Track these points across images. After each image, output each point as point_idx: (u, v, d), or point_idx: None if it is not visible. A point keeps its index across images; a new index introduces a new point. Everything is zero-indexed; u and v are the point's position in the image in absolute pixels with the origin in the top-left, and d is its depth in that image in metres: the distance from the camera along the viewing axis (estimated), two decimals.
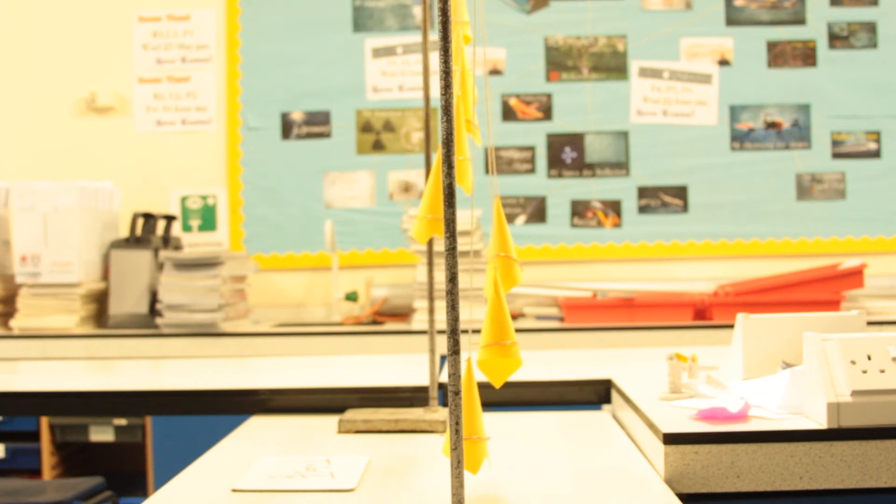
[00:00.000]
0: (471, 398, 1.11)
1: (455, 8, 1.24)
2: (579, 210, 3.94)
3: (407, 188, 3.96)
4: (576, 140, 3.94)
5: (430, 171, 1.62)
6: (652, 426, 1.36)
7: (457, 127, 1.20)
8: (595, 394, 1.85)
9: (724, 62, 3.93)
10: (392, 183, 3.97)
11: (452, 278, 1.04)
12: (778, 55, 3.93)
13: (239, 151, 3.99)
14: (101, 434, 3.50)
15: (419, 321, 3.42)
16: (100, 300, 3.56)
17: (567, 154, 3.94)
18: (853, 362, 1.29)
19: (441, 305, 2.53)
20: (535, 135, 3.95)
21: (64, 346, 3.28)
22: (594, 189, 3.94)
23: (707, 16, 3.94)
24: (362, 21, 3.99)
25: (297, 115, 3.98)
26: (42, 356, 3.24)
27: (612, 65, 3.96)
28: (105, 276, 3.56)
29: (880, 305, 3.49)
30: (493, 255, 1.15)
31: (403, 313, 3.73)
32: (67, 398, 1.89)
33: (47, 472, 3.47)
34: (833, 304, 3.27)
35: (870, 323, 2.25)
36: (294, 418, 1.76)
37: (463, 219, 3.27)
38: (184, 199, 4.01)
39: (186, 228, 4.01)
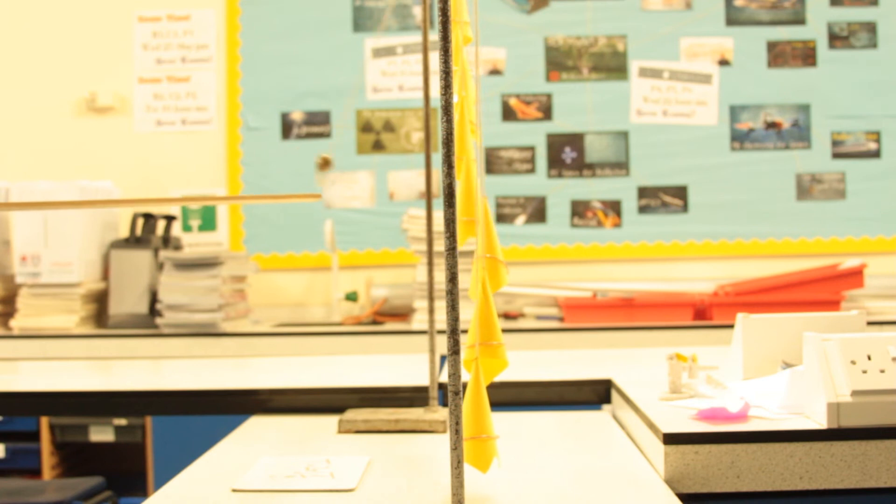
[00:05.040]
0: (478, 397, 1.11)
1: (455, 8, 1.24)
2: (579, 210, 3.94)
3: (408, 188, 3.96)
4: (576, 140, 3.94)
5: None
6: (652, 426, 1.36)
7: (460, 128, 1.20)
8: (595, 394, 1.85)
9: (724, 62, 3.93)
10: (392, 183, 3.97)
11: (452, 278, 1.04)
12: (778, 55, 3.93)
13: (239, 151, 3.99)
14: (101, 434, 3.50)
15: (419, 321, 3.42)
16: (100, 300, 3.56)
17: (567, 154, 3.94)
18: (853, 362, 1.29)
19: (441, 305, 2.53)
20: (535, 135, 3.95)
21: (64, 346, 3.28)
22: (594, 189, 3.94)
23: (707, 16, 3.94)
24: (362, 21, 3.99)
25: (296, 115, 3.98)
26: (42, 356, 3.24)
27: (612, 65, 3.96)
28: (105, 276, 3.56)
29: (880, 305, 3.49)
30: (480, 255, 1.14)
31: (403, 313, 3.73)
32: (67, 398, 1.89)
33: (47, 472, 3.47)
34: (833, 304, 3.27)
35: (870, 323, 2.25)
36: (294, 418, 1.76)
37: None
38: None
39: (186, 228, 4.01)
